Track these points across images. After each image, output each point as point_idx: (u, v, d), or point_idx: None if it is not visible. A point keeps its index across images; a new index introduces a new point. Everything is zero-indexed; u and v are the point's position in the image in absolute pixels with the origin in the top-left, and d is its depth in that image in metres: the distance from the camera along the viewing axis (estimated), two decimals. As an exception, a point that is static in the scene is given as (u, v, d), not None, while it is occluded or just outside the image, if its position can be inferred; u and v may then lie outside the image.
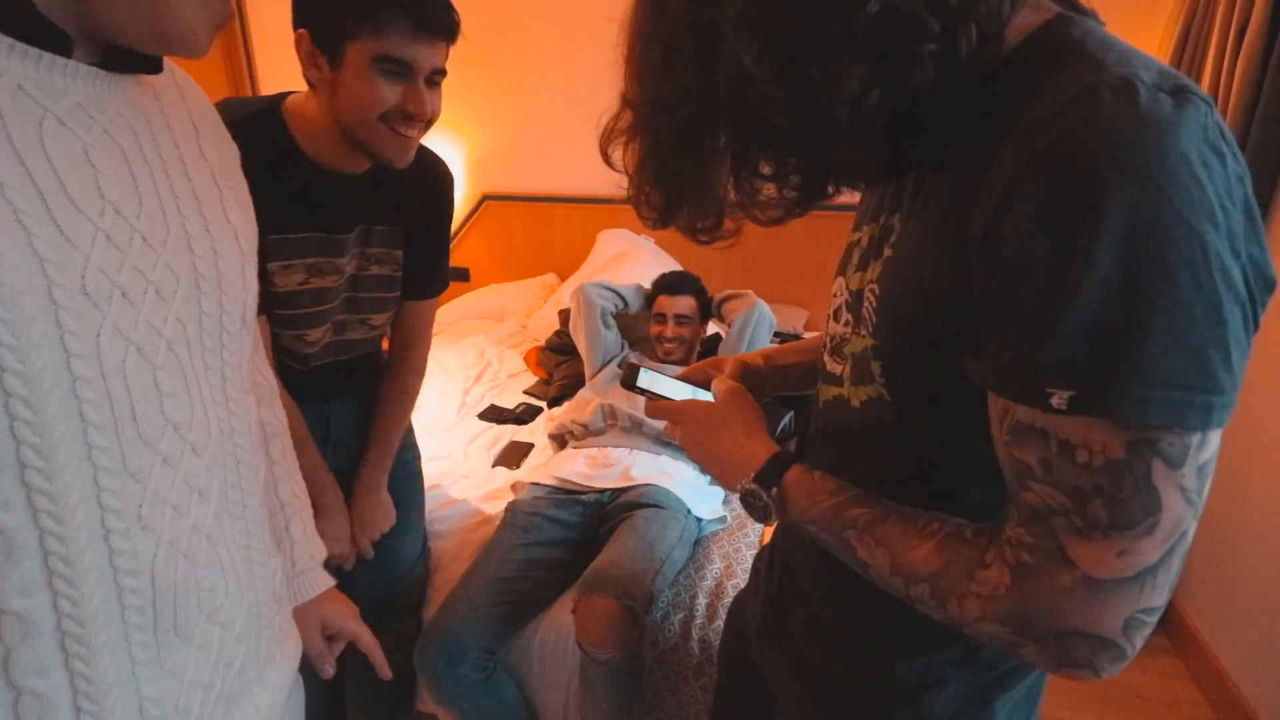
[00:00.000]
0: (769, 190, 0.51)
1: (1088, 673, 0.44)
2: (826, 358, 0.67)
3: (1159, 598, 0.42)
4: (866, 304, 0.58)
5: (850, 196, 0.60)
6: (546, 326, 2.57)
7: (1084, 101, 0.40)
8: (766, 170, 0.50)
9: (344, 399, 1.26)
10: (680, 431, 0.70)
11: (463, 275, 3.03)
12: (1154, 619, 0.43)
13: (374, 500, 1.28)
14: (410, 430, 1.41)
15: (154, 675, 0.50)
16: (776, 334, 2.46)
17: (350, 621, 0.86)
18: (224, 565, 0.56)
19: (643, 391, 0.75)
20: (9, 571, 0.42)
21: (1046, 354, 0.41)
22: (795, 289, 2.78)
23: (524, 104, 3.01)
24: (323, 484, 1.20)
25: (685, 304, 1.96)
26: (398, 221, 1.14)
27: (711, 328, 2.28)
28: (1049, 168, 0.40)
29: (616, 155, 0.54)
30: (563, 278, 3.05)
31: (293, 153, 1.01)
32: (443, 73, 1.04)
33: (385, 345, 1.34)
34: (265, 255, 0.98)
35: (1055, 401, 0.41)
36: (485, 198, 3.15)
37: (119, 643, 0.47)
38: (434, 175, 1.19)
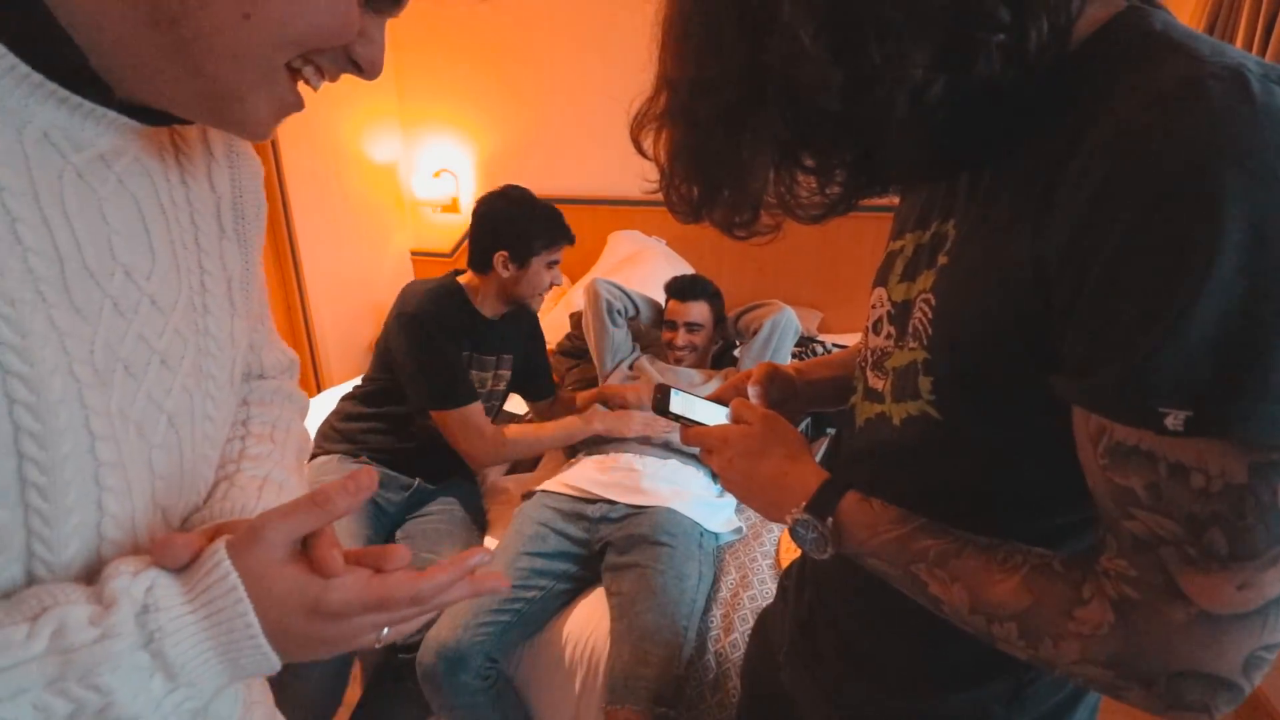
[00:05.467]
0: (810, 185, 0.48)
1: (1199, 715, 0.40)
2: (869, 372, 0.62)
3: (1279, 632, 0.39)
4: (918, 316, 0.54)
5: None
6: (558, 329, 2.54)
7: (1188, 95, 0.36)
8: (810, 163, 0.46)
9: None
10: (717, 460, 0.65)
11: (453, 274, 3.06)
12: (1274, 655, 0.39)
13: None
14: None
15: None
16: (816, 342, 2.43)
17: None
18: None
19: (676, 417, 0.71)
20: None
21: (1159, 370, 0.37)
22: (809, 291, 2.74)
23: (533, 106, 2.99)
24: None
25: (697, 310, 1.91)
26: (510, 349, 1.76)
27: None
28: (1157, 165, 0.36)
29: (648, 143, 0.50)
30: (574, 279, 3.02)
31: (474, 312, 1.67)
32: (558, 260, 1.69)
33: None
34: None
35: (1170, 423, 0.37)
36: (495, 200, 3.14)
37: None
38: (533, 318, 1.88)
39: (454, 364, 1.56)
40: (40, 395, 0.35)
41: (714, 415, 0.72)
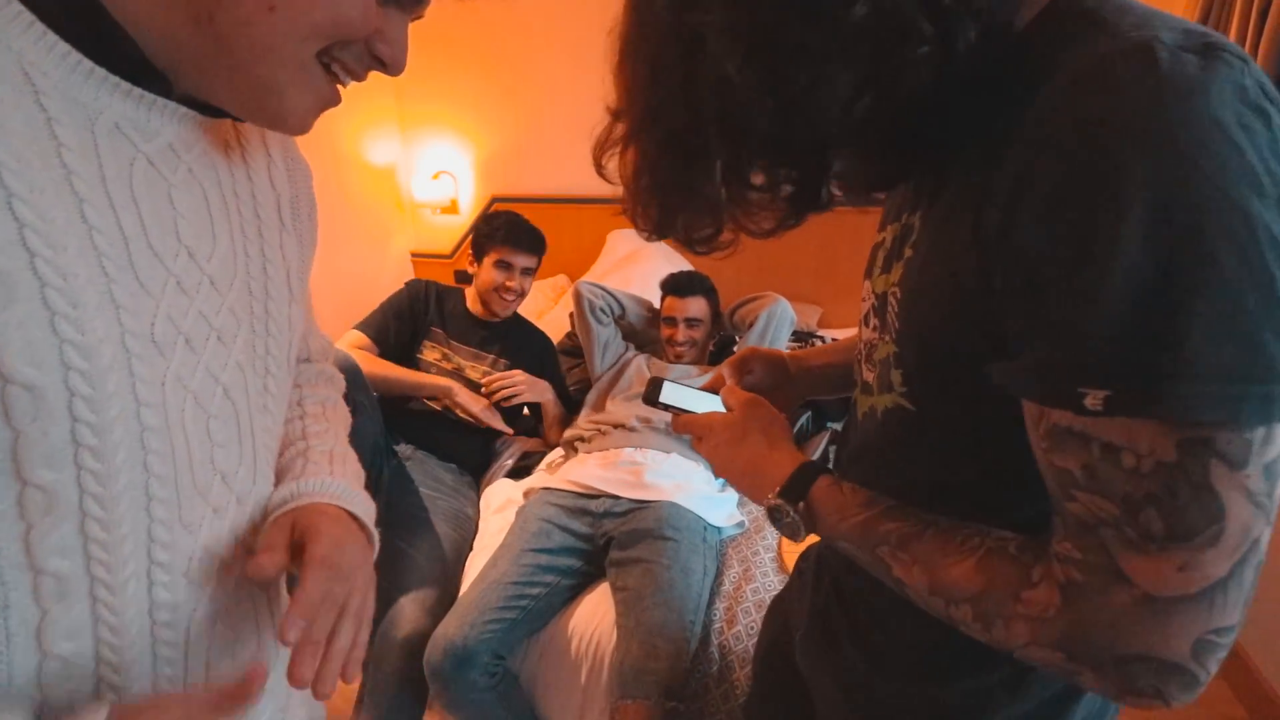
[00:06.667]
0: (761, 200, 0.49)
1: (1155, 701, 0.40)
2: (863, 365, 0.63)
3: (1231, 615, 0.38)
4: (890, 308, 0.55)
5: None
6: (557, 328, 2.55)
7: (1096, 73, 0.37)
8: (757, 180, 0.48)
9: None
10: (705, 446, 0.67)
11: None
12: (1228, 639, 0.38)
13: None
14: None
15: None
16: (793, 332, 2.43)
17: (320, 546, 0.56)
18: (260, 623, 0.54)
19: (667, 407, 0.73)
20: (60, 616, 0.41)
21: (1074, 352, 0.37)
22: (809, 286, 2.75)
23: (531, 108, 3.00)
24: None
25: (696, 306, 1.92)
26: (508, 356, 1.96)
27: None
28: (1060, 151, 0.37)
29: (611, 166, 0.52)
30: (573, 279, 3.02)
31: (462, 308, 1.99)
32: (531, 269, 1.94)
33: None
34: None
35: (1089, 402, 0.37)
36: (494, 200, 3.14)
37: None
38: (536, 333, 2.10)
39: (386, 304, 1.93)
40: (92, 361, 0.38)
41: (703, 404, 0.73)
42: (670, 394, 0.74)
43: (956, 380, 0.48)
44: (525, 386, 1.89)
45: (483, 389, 1.87)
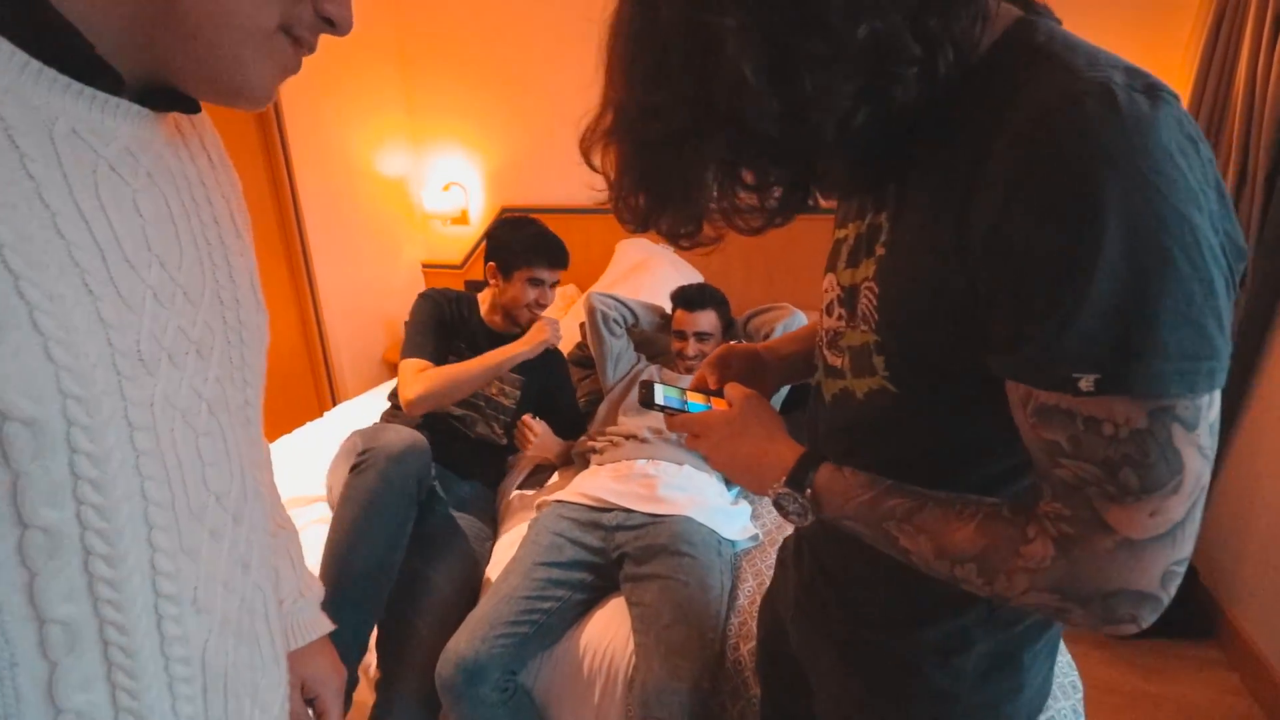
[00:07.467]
0: (750, 200, 0.53)
1: (1130, 626, 0.47)
2: (826, 351, 0.69)
3: (1187, 548, 0.46)
4: (864, 301, 0.60)
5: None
6: (568, 339, 2.55)
7: (1069, 107, 0.43)
8: (750, 180, 0.52)
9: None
10: (703, 444, 0.70)
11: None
12: (1184, 568, 0.46)
13: None
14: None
15: None
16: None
17: (329, 690, 0.76)
18: (260, 640, 0.52)
19: (661, 408, 0.75)
20: (71, 667, 0.38)
21: (1069, 343, 0.44)
22: (817, 296, 2.73)
23: (539, 119, 3.01)
24: None
25: (706, 320, 1.91)
26: (521, 371, 1.84)
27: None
28: (1047, 173, 0.43)
29: (596, 158, 0.54)
30: (582, 289, 3.03)
31: (479, 319, 1.90)
32: (558, 281, 1.84)
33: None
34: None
35: (1083, 385, 0.44)
36: (504, 210, 3.16)
37: None
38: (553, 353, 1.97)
39: (424, 323, 1.77)
40: (87, 387, 0.36)
41: (697, 403, 0.76)
42: (663, 395, 0.76)
43: (936, 363, 0.55)
44: (536, 443, 1.83)
45: (500, 424, 1.85)
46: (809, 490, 0.60)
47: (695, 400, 0.76)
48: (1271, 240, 1.78)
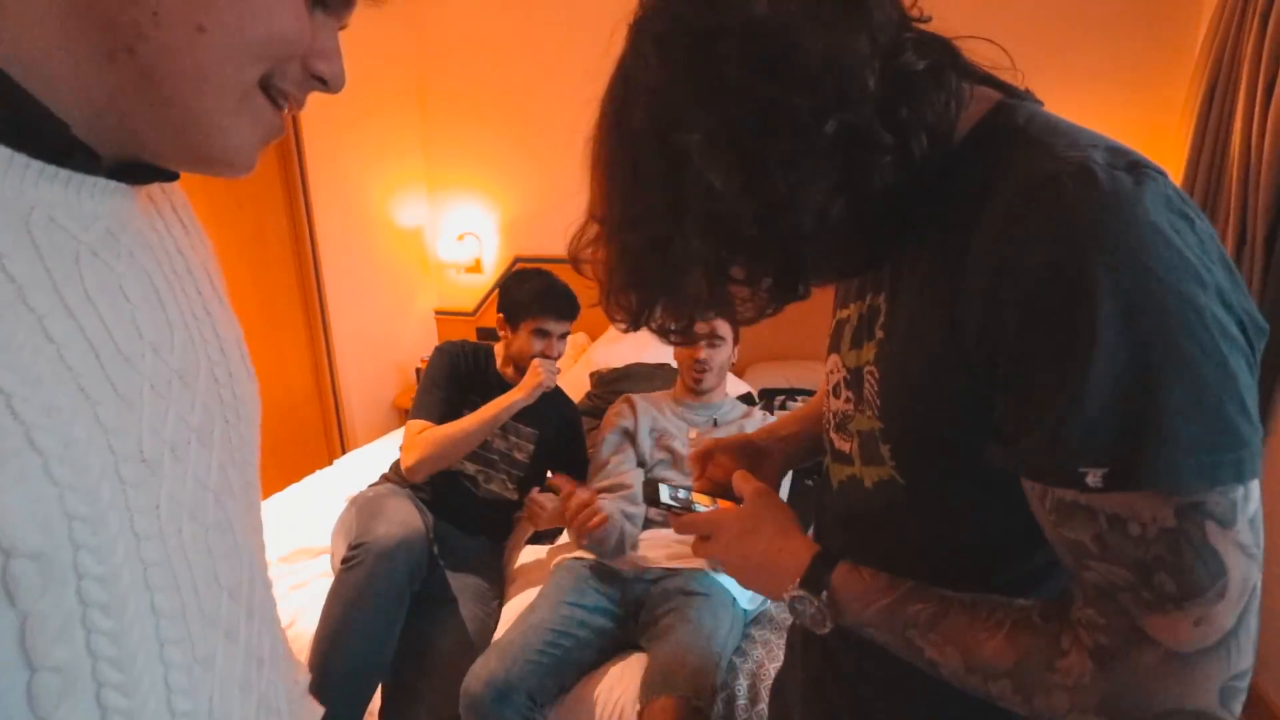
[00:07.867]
0: (742, 292, 0.52)
1: None
2: (833, 434, 0.65)
3: (1246, 660, 0.41)
4: (868, 386, 0.58)
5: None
6: (578, 388, 2.57)
7: (1048, 191, 0.42)
8: (739, 275, 0.51)
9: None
10: (714, 546, 0.65)
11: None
12: (1246, 683, 0.41)
13: None
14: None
15: None
16: (806, 391, 2.43)
17: None
18: None
19: (667, 507, 0.72)
20: None
21: (1071, 435, 0.41)
22: (825, 345, 2.75)
23: (554, 170, 3.10)
24: None
25: (721, 323, 1.90)
26: (534, 424, 1.84)
27: (739, 387, 2.24)
28: (1028, 258, 0.41)
29: (586, 266, 0.55)
30: (593, 337, 3.07)
31: (495, 371, 1.87)
32: (567, 333, 1.83)
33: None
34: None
35: (1090, 480, 0.41)
36: (517, 260, 3.23)
37: None
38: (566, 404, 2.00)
39: (434, 380, 1.76)
40: (92, 504, 0.33)
41: (703, 503, 0.73)
42: (669, 495, 0.73)
43: (944, 455, 0.52)
44: (546, 518, 1.72)
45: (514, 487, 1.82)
46: (825, 593, 0.56)
47: (700, 502, 0.73)
48: (1273, 304, 1.76)
